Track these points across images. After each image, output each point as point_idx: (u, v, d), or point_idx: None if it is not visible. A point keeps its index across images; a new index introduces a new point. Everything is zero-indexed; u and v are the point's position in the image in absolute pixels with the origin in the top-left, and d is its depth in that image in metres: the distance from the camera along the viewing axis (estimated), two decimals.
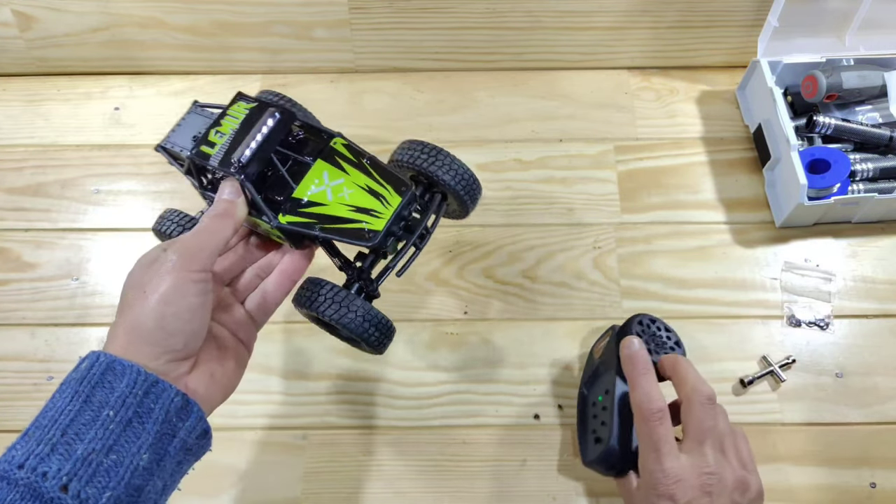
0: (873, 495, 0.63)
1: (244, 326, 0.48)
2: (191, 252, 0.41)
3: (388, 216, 0.46)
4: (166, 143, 0.49)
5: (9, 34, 0.81)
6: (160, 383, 0.38)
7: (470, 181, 0.51)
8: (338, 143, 0.48)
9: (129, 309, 0.40)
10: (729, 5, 0.80)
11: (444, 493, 0.63)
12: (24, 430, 0.36)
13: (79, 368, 0.38)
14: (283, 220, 0.46)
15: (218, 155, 0.45)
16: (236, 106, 0.47)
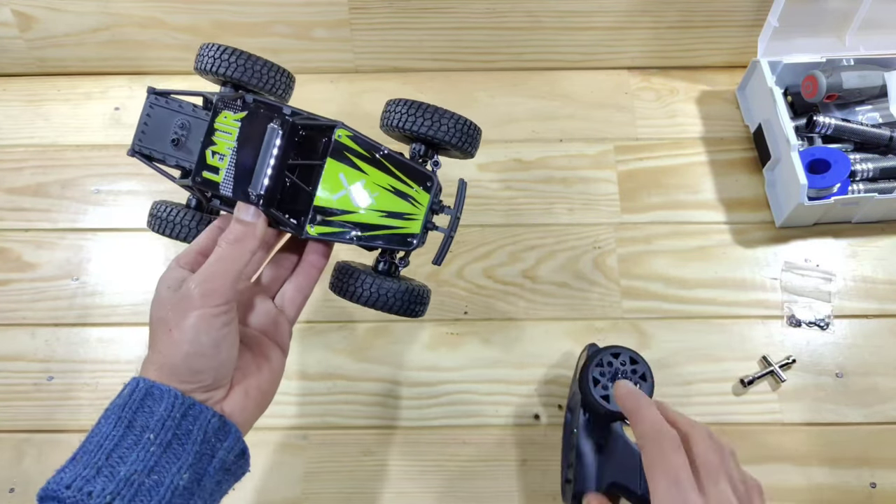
0: (873, 495, 0.63)
1: (276, 325, 0.47)
2: (212, 284, 0.40)
3: (422, 216, 0.46)
4: (141, 148, 0.47)
5: (9, 34, 0.81)
6: (196, 406, 0.39)
7: (466, 131, 0.48)
8: (343, 137, 0.45)
9: (157, 346, 0.41)
10: (729, 5, 0.80)
11: (444, 493, 0.63)
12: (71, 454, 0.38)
13: (121, 394, 0.40)
14: (314, 232, 0.45)
15: (228, 182, 0.43)
16: (221, 118, 0.43)
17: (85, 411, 0.67)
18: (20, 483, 0.64)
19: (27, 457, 0.65)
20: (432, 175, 0.47)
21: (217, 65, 0.46)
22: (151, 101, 0.47)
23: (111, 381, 0.68)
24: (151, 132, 0.47)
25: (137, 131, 0.47)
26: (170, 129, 0.46)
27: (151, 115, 0.47)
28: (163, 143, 0.47)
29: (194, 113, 0.47)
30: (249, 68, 0.46)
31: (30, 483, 0.64)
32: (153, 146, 0.47)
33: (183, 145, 0.46)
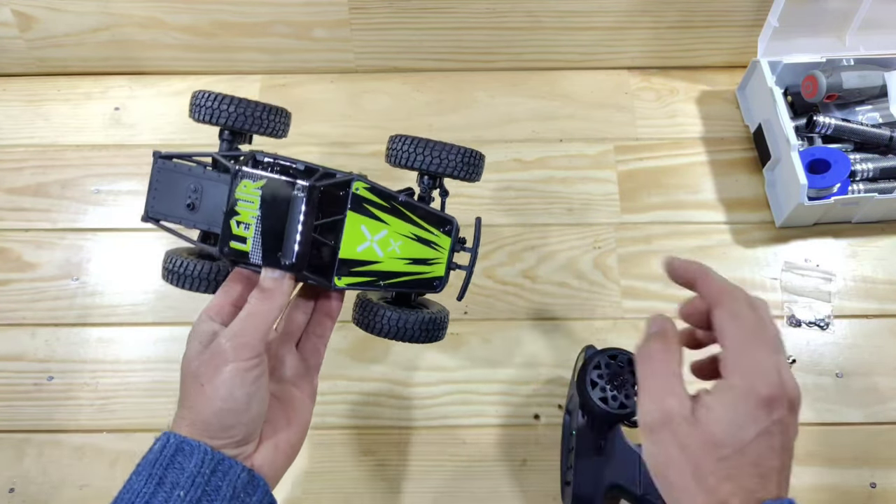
0: (873, 495, 0.63)
1: (303, 375, 0.48)
2: (242, 340, 0.41)
3: (445, 260, 0.48)
4: (155, 214, 0.46)
5: (9, 34, 0.81)
6: (226, 461, 0.40)
7: (469, 161, 0.49)
8: (361, 189, 0.45)
9: (189, 401, 0.41)
10: (729, 5, 0.80)
11: (444, 493, 0.63)
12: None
13: (152, 450, 0.40)
14: (342, 284, 0.45)
15: (256, 251, 0.43)
16: (241, 187, 0.43)
17: (85, 411, 0.67)
18: (20, 483, 0.64)
19: (27, 457, 0.65)
20: (451, 218, 0.48)
21: (216, 116, 0.47)
22: (159, 165, 0.47)
23: (111, 381, 0.68)
24: (163, 196, 0.46)
25: (149, 196, 0.47)
26: (181, 192, 0.46)
27: (160, 178, 0.47)
28: (177, 207, 0.46)
29: (205, 174, 0.46)
30: (248, 116, 0.47)
31: (30, 483, 0.64)
32: (167, 211, 0.46)
33: (198, 209, 0.46)
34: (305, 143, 0.80)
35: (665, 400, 0.38)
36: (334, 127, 0.82)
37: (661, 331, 0.43)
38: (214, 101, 0.47)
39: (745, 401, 0.37)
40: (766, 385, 0.37)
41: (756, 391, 0.37)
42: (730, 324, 0.40)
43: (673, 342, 0.42)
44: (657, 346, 0.41)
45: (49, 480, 0.64)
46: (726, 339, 0.39)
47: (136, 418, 0.66)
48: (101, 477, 0.64)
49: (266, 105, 0.48)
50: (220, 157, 0.46)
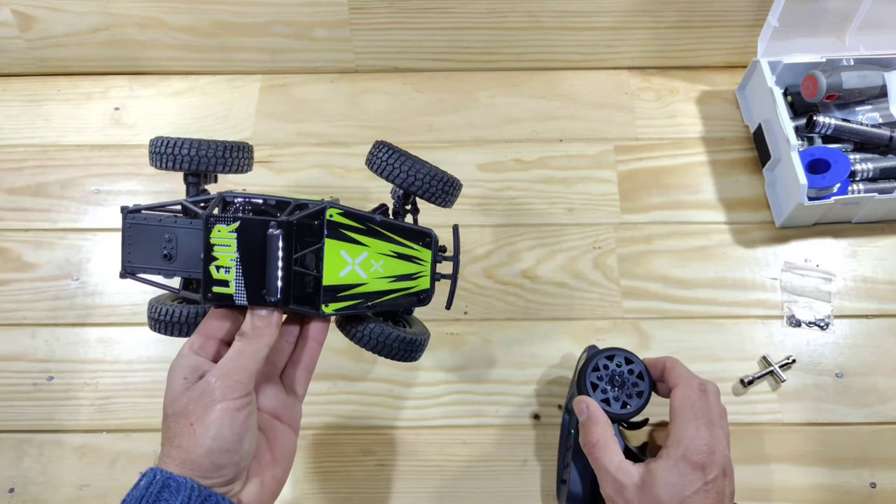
0: (873, 495, 0.63)
1: (287, 407, 0.47)
2: (233, 378, 0.41)
3: (428, 272, 0.49)
4: (132, 269, 0.47)
5: (9, 34, 0.81)
6: (213, 497, 0.39)
7: (440, 186, 0.48)
8: (335, 216, 0.45)
9: (176, 440, 0.40)
10: (729, 5, 0.80)
11: (444, 493, 0.63)
12: None
13: (138, 486, 0.39)
14: (329, 311, 0.45)
15: (240, 292, 0.43)
16: (216, 233, 0.42)
17: (85, 411, 0.67)
18: (20, 483, 0.64)
19: (27, 457, 0.65)
20: (429, 231, 0.48)
21: (177, 162, 0.47)
22: (129, 220, 0.46)
23: (111, 381, 0.68)
24: (137, 249, 0.46)
25: (124, 252, 0.46)
26: (155, 243, 0.46)
27: (132, 233, 0.46)
28: (153, 259, 0.46)
29: (176, 223, 0.46)
30: (210, 157, 0.47)
31: (30, 483, 0.64)
32: (144, 263, 0.46)
33: (174, 258, 0.46)
34: (305, 143, 0.80)
35: (618, 475, 0.48)
36: (334, 127, 0.82)
37: (593, 416, 0.52)
38: (174, 147, 0.47)
39: (682, 466, 0.46)
40: (698, 453, 0.46)
41: (689, 458, 0.46)
42: (679, 404, 0.50)
43: (603, 421, 0.52)
44: (597, 431, 0.51)
45: (49, 480, 0.64)
46: (674, 416, 0.49)
47: (136, 418, 0.66)
48: (101, 477, 0.64)
49: (226, 143, 0.48)
50: (189, 204, 0.46)
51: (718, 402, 0.50)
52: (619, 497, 0.48)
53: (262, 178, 0.78)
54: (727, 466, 0.47)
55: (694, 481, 0.46)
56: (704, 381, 0.51)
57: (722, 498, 0.46)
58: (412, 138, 0.80)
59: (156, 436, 0.42)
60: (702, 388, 0.50)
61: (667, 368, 0.53)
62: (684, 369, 0.52)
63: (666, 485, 0.46)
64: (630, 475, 0.48)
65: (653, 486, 0.46)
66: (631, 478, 0.48)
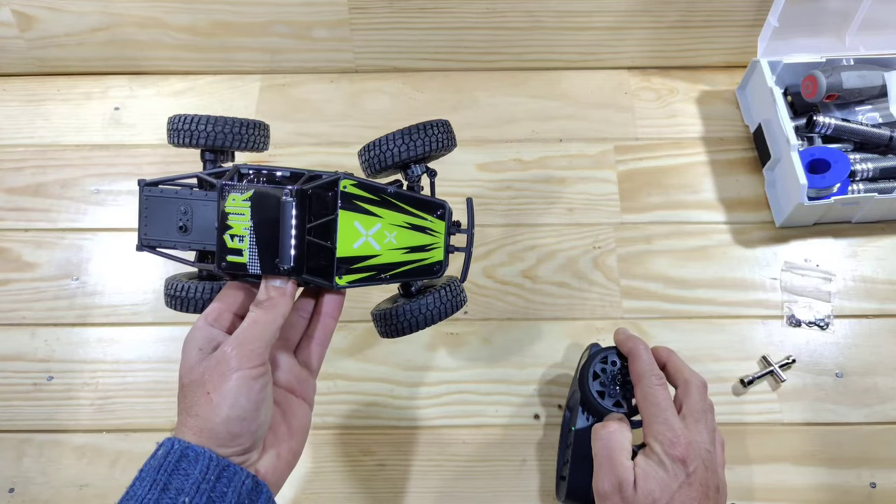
0: (873, 495, 0.63)
1: (302, 381, 0.48)
2: (248, 347, 0.41)
3: (442, 243, 0.48)
4: (149, 242, 0.46)
5: (9, 34, 0.81)
6: (231, 467, 0.39)
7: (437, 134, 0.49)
8: (349, 187, 0.45)
9: (193, 409, 0.40)
10: (729, 5, 0.80)
11: (444, 493, 0.63)
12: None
13: (155, 455, 0.39)
14: (343, 283, 0.45)
15: (254, 261, 0.43)
16: (230, 201, 0.43)
17: (85, 411, 0.67)
18: (20, 483, 0.64)
19: (27, 457, 0.65)
20: (443, 202, 0.48)
21: (194, 138, 0.47)
22: (146, 193, 0.47)
23: (111, 381, 0.68)
24: (154, 222, 0.46)
25: (140, 224, 0.47)
26: (171, 216, 0.46)
27: (149, 206, 0.47)
28: (169, 232, 0.46)
29: (192, 195, 0.46)
30: (227, 133, 0.47)
31: (30, 483, 0.64)
32: (160, 236, 0.47)
33: (190, 230, 0.46)
34: (305, 143, 0.80)
35: (618, 472, 0.48)
36: (334, 127, 0.82)
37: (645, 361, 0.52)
38: (191, 124, 0.47)
39: (665, 460, 0.47)
40: (677, 447, 0.47)
41: (669, 452, 0.47)
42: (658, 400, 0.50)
43: (625, 420, 0.52)
44: (615, 427, 0.51)
45: (49, 480, 0.64)
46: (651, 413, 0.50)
47: (136, 418, 0.66)
48: (101, 477, 0.64)
49: (243, 120, 0.48)
50: (204, 175, 0.46)
51: (703, 397, 0.51)
52: (614, 495, 0.48)
53: None
54: (708, 460, 0.48)
55: (678, 475, 0.46)
56: (688, 379, 0.52)
57: (707, 490, 0.47)
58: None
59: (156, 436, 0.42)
60: (699, 388, 0.51)
61: (667, 365, 0.54)
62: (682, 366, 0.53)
63: (657, 480, 0.46)
64: (629, 473, 0.48)
65: (647, 482, 0.47)
66: (629, 475, 0.48)
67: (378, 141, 0.48)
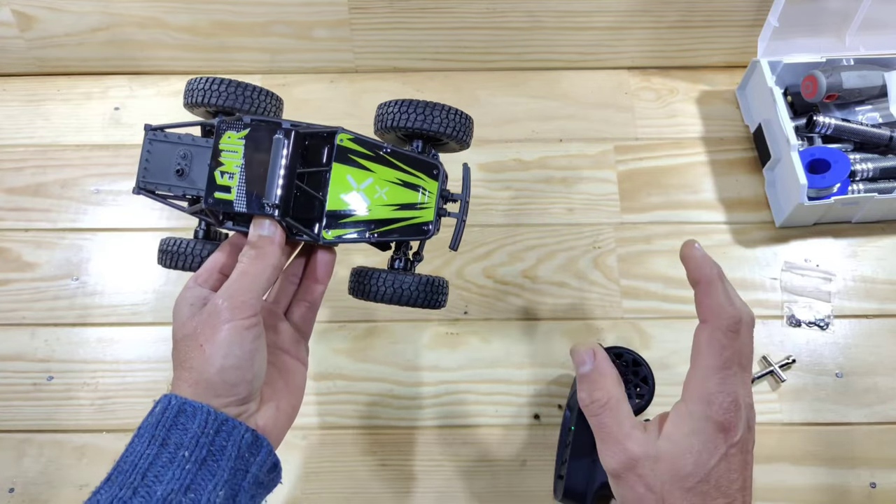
0: (873, 495, 0.63)
1: (295, 343, 0.48)
2: (239, 298, 0.41)
3: (433, 204, 0.47)
4: (146, 185, 0.47)
5: (9, 34, 0.81)
6: (230, 421, 0.39)
7: (459, 121, 0.49)
8: (345, 140, 0.46)
9: (188, 363, 0.40)
10: (729, 5, 0.80)
11: (445, 493, 0.63)
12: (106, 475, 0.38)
13: (153, 412, 0.40)
14: (331, 236, 0.45)
15: (241, 198, 0.43)
16: (225, 139, 0.44)
17: (85, 411, 0.67)
18: (20, 483, 0.64)
19: (27, 457, 0.65)
20: (438, 163, 0.48)
21: (207, 96, 0.47)
22: (150, 137, 0.47)
23: (111, 381, 0.68)
24: (154, 167, 0.47)
25: (140, 168, 0.47)
26: (170, 161, 0.47)
27: (152, 150, 0.47)
28: (166, 176, 0.47)
29: (194, 142, 0.47)
30: (240, 96, 0.47)
31: (30, 483, 0.64)
32: (158, 180, 0.47)
33: (187, 174, 0.47)
34: None
35: (626, 446, 0.40)
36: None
37: (601, 367, 0.43)
38: (207, 83, 0.47)
39: (703, 428, 0.38)
40: (723, 411, 0.38)
41: (712, 418, 0.38)
42: (705, 347, 0.40)
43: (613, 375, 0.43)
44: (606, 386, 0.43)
45: (49, 480, 0.64)
46: (696, 360, 0.41)
47: (136, 418, 0.65)
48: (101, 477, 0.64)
49: (258, 87, 0.48)
50: (207, 120, 0.47)
51: (751, 339, 0.41)
52: (629, 473, 0.39)
53: None
54: (751, 418, 0.40)
55: (718, 445, 0.38)
56: (738, 316, 0.40)
57: (746, 457, 0.39)
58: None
59: None
60: (733, 327, 0.40)
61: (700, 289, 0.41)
62: (719, 297, 0.41)
63: (690, 453, 0.38)
64: (644, 443, 0.40)
65: (675, 457, 0.38)
66: (645, 447, 0.40)
67: (399, 102, 0.48)
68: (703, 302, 0.41)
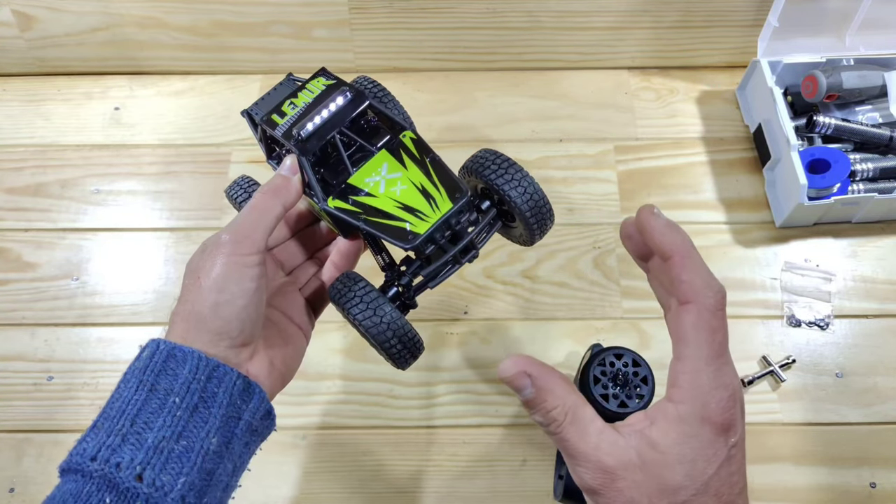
0: (873, 495, 0.63)
1: (302, 314, 0.47)
2: (243, 233, 0.40)
3: (434, 221, 0.43)
4: (251, 109, 0.48)
5: (9, 34, 0.81)
6: (221, 367, 0.38)
7: (540, 203, 0.47)
8: (406, 137, 0.47)
9: (185, 296, 0.40)
10: (729, 5, 0.80)
11: (444, 493, 0.63)
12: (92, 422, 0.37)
13: (140, 357, 0.38)
14: (331, 205, 0.45)
15: (284, 126, 0.44)
16: (316, 81, 0.47)
17: (85, 411, 0.67)
18: (20, 483, 0.64)
19: (27, 457, 0.65)
20: (466, 190, 0.44)
21: None
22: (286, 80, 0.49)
23: (111, 381, 0.67)
24: (268, 101, 0.48)
25: (259, 100, 0.48)
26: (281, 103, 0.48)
27: (277, 89, 0.48)
28: (269, 108, 0.47)
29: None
30: None
31: (30, 483, 0.64)
32: (260, 110, 0.48)
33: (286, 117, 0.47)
34: None
35: (598, 458, 0.33)
36: None
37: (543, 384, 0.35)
38: None
39: (698, 433, 0.32)
40: (722, 411, 0.32)
41: (709, 420, 0.32)
42: (692, 333, 0.33)
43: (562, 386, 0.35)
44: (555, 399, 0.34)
45: (49, 480, 0.64)
46: (681, 350, 0.34)
47: None
48: None
49: None
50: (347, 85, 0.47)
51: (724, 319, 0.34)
52: (607, 490, 0.32)
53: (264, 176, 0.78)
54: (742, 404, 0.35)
55: (718, 450, 0.32)
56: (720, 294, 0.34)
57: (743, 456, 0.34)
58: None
59: None
60: (721, 303, 0.33)
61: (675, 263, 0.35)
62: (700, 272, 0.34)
63: (681, 463, 0.32)
64: (621, 451, 0.33)
65: (663, 468, 0.32)
66: (622, 455, 0.33)
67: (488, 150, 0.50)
68: (681, 279, 0.34)
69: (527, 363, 0.35)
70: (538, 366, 0.35)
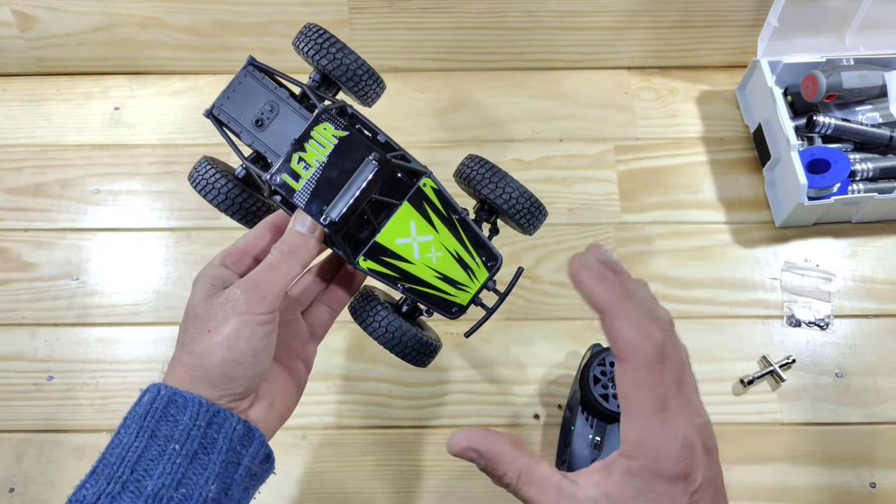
0: (873, 495, 0.63)
1: (305, 343, 0.47)
2: (259, 292, 0.39)
3: (474, 291, 0.46)
4: (219, 113, 0.45)
5: (9, 34, 0.81)
6: (222, 413, 0.38)
7: (526, 205, 0.48)
8: (427, 186, 0.44)
9: (191, 345, 0.39)
10: (729, 5, 0.80)
11: (445, 493, 0.63)
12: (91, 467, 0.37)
13: (141, 402, 0.38)
14: (364, 266, 0.44)
15: (304, 193, 0.41)
16: (321, 128, 0.42)
17: (85, 411, 0.67)
18: (20, 483, 0.64)
19: (27, 457, 0.65)
20: (498, 255, 0.46)
21: (320, 54, 0.46)
22: (248, 70, 0.46)
23: (111, 381, 0.68)
24: (235, 101, 0.45)
25: (222, 95, 0.45)
26: (255, 105, 0.45)
27: (242, 83, 0.45)
28: (244, 117, 0.45)
29: (287, 100, 0.45)
30: (348, 66, 0.46)
31: (30, 483, 0.64)
32: (232, 114, 0.45)
33: (264, 128, 0.45)
34: None
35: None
36: None
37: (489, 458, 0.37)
38: (324, 40, 0.46)
39: (654, 487, 0.31)
40: (674, 462, 0.31)
41: (662, 473, 0.31)
42: (631, 391, 0.32)
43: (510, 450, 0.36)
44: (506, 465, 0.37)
45: (49, 480, 0.64)
46: (626, 406, 0.33)
47: None
48: None
49: (369, 66, 0.47)
50: (310, 91, 0.45)
51: (677, 347, 0.33)
52: None
53: None
54: (708, 440, 0.32)
55: (676, 501, 0.31)
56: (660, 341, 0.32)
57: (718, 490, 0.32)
58: (412, 138, 0.80)
59: None
60: (657, 358, 0.32)
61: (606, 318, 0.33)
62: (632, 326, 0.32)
63: None
64: None
65: None
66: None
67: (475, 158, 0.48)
68: (613, 336, 0.33)
69: (471, 438, 0.37)
70: (482, 438, 0.37)
